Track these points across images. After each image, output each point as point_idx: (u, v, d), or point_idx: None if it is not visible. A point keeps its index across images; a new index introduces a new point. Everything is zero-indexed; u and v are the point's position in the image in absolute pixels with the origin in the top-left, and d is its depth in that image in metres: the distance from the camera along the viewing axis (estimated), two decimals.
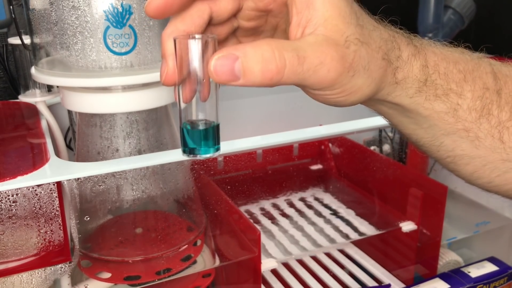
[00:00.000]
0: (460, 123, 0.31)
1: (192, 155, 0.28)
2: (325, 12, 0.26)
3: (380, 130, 0.80)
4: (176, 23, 0.28)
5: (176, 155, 0.47)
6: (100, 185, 0.49)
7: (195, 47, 0.26)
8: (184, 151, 0.28)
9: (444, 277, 0.54)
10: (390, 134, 0.82)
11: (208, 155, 0.28)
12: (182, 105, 0.27)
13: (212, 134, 0.28)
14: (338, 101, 0.28)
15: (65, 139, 0.62)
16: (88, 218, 0.52)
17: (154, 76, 0.48)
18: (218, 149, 0.28)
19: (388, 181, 0.66)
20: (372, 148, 0.81)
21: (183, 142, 0.28)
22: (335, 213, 0.67)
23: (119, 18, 0.46)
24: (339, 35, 0.26)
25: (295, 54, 0.25)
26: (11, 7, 0.58)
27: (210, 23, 0.30)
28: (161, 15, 0.27)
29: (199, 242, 0.54)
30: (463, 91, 0.31)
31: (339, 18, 0.26)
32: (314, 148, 0.77)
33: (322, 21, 0.26)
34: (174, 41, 0.26)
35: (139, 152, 0.53)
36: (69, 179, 0.43)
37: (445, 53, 0.31)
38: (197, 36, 0.26)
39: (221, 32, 0.31)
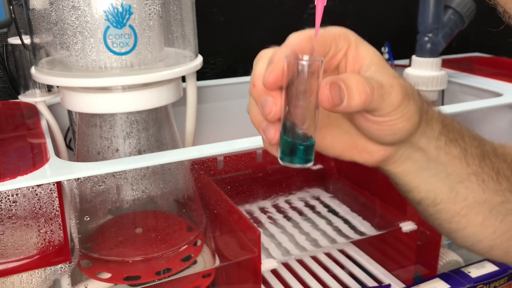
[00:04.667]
0: (470, 167, 0.35)
1: (289, 163, 0.31)
2: (371, 58, 0.32)
3: None
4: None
5: (176, 155, 0.47)
6: (100, 185, 0.49)
7: (308, 69, 0.28)
8: (282, 159, 0.31)
9: (444, 277, 0.54)
10: None
11: (304, 166, 0.31)
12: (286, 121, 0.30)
13: (311, 149, 0.30)
14: (398, 127, 0.31)
15: (65, 139, 0.62)
16: (88, 218, 0.52)
17: (154, 76, 0.48)
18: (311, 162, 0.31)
19: (388, 181, 0.65)
20: None
21: (284, 151, 0.30)
22: (335, 213, 0.67)
23: (119, 18, 0.46)
24: (387, 70, 0.31)
25: (375, 80, 0.29)
26: (11, 7, 0.58)
27: None
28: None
29: (199, 242, 0.53)
30: (464, 138, 0.35)
31: (382, 61, 0.32)
32: None
33: (372, 63, 0.31)
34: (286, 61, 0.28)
35: (139, 152, 0.53)
36: (69, 179, 0.43)
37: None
38: (306, 58, 0.29)
39: None
